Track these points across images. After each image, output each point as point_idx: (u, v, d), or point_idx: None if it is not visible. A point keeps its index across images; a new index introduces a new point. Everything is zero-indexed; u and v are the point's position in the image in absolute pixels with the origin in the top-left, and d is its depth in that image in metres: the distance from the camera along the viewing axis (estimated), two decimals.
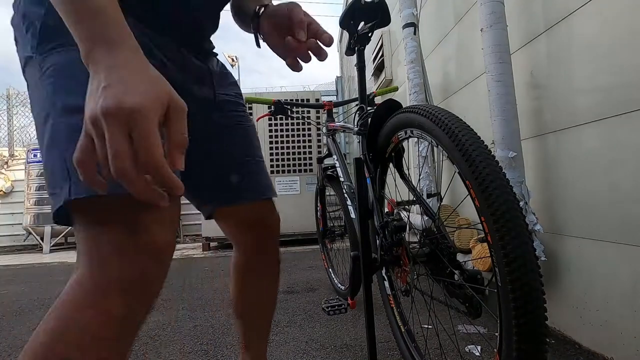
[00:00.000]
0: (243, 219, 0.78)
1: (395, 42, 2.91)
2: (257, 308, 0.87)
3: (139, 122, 0.34)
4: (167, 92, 0.37)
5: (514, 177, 1.19)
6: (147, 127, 0.34)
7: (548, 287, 1.19)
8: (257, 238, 0.80)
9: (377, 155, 0.98)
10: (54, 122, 0.46)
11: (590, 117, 1.07)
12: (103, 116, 0.34)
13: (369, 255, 0.95)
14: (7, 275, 3.15)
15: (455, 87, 1.92)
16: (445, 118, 0.66)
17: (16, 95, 6.29)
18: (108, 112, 0.33)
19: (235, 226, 0.80)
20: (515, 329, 0.50)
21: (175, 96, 0.37)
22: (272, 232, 0.82)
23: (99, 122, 0.34)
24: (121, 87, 0.35)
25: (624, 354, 0.98)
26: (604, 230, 1.04)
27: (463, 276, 0.71)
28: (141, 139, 0.34)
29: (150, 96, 0.35)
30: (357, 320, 1.50)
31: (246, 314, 0.88)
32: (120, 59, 0.37)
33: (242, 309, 0.87)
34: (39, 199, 4.97)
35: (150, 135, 0.34)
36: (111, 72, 0.36)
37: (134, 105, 0.34)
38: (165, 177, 0.35)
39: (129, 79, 0.35)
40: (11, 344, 1.45)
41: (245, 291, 0.86)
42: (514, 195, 0.55)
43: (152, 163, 0.34)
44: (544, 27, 1.23)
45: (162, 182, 0.35)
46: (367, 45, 1.10)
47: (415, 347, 1.00)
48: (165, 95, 0.37)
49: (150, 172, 0.34)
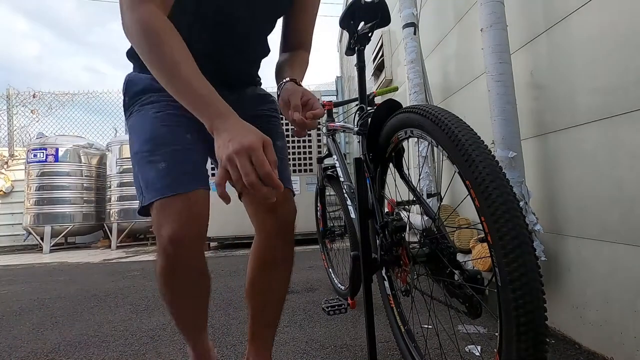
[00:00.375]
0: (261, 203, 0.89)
1: (395, 42, 2.91)
2: (268, 294, 0.94)
3: (254, 152, 0.57)
4: (260, 134, 0.61)
5: (514, 177, 1.19)
6: (259, 154, 0.57)
7: (548, 287, 1.20)
8: (274, 224, 0.89)
9: (377, 155, 0.98)
10: (132, 160, 0.79)
11: (590, 117, 1.07)
12: (235, 154, 0.57)
13: (369, 255, 0.95)
14: (7, 275, 3.15)
15: (455, 87, 1.92)
16: (445, 118, 0.66)
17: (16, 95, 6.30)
18: (237, 151, 0.57)
19: (257, 210, 0.91)
20: (515, 329, 0.50)
21: (264, 136, 0.60)
22: (287, 219, 0.90)
23: (233, 158, 0.57)
24: (239, 137, 0.58)
25: (624, 354, 0.98)
26: (604, 230, 1.04)
27: (463, 276, 0.71)
28: (257, 161, 0.57)
29: (255, 138, 0.59)
30: (357, 320, 1.50)
31: (257, 299, 0.94)
32: (230, 123, 0.62)
33: (253, 292, 0.94)
34: (39, 199, 4.96)
35: (261, 158, 0.57)
36: (230, 131, 0.60)
37: (250, 143, 0.57)
38: (274, 182, 0.57)
39: (240, 132, 0.60)
40: (11, 344, 1.45)
41: (259, 275, 0.93)
42: (514, 195, 0.55)
43: (265, 174, 0.56)
44: (544, 27, 1.23)
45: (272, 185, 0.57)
46: (367, 45, 1.10)
47: (415, 347, 1.00)
48: (260, 135, 0.60)
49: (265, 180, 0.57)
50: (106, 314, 1.79)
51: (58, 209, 4.98)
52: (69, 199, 5.05)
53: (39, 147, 5.03)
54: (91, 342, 1.44)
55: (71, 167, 5.12)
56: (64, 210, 5.00)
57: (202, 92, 0.63)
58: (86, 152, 5.31)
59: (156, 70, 0.66)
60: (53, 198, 4.97)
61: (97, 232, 5.63)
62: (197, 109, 0.63)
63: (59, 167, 5.04)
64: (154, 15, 0.64)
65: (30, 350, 1.38)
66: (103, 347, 1.37)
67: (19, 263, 4.03)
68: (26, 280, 2.86)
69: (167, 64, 0.64)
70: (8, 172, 5.80)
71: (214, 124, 0.62)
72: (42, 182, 4.99)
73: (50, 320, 1.75)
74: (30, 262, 4.02)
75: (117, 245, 4.88)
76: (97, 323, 1.66)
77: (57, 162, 5.03)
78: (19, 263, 4.03)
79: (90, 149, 5.39)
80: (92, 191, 5.33)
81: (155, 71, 0.66)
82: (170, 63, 0.63)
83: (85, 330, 1.58)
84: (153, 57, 0.65)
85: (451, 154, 0.63)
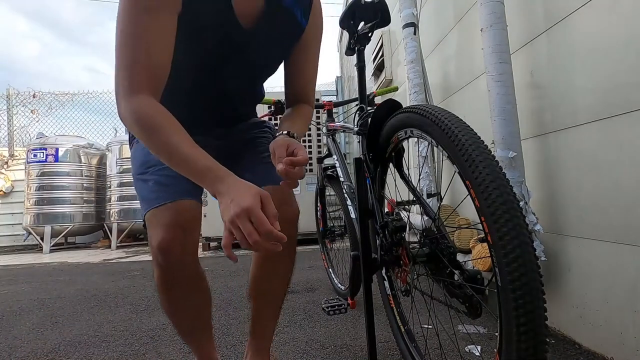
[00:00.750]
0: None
1: (395, 42, 2.91)
2: (268, 288, 0.96)
3: (253, 213, 0.60)
4: (257, 191, 0.63)
5: (514, 177, 1.19)
6: (257, 214, 0.60)
7: (548, 287, 1.20)
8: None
9: (377, 155, 0.98)
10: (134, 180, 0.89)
11: (590, 117, 1.07)
12: (236, 217, 0.60)
13: (369, 255, 0.95)
14: (7, 275, 3.15)
15: (455, 87, 1.92)
16: (445, 118, 0.66)
17: (16, 95, 6.30)
18: (238, 214, 0.60)
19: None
20: (515, 329, 0.50)
21: (262, 191, 0.64)
22: (288, 217, 0.90)
23: (235, 221, 0.60)
24: (237, 199, 0.61)
25: (624, 354, 0.98)
26: (604, 230, 1.04)
27: (463, 276, 0.71)
28: (257, 221, 0.60)
29: (252, 198, 0.61)
30: (357, 320, 1.50)
31: (258, 293, 0.97)
32: (228, 185, 0.65)
33: (255, 287, 0.97)
34: (39, 199, 4.96)
35: (260, 218, 0.60)
36: (229, 193, 0.63)
37: (248, 205, 0.60)
38: (274, 236, 0.60)
39: (238, 193, 0.62)
40: (11, 344, 1.45)
41: (260, 270, 0.95)
42: (514, 195, 0.55)
43: (266, 232, 0.60)
44: (544, 27, 1.23)
45: (274, 240, 0.61)
46: (367, 45, 1.10)
47: (415, 347, 1.00)
48: (256, 193, 0.63)
49: (267, 237, 0.60)
50: (106, 314, 1.79)
51: (58, 209, 4.98)
52: (69, 199, 5.05)
53: (39, 147, 5.03)
54: (91, 342, 1.44)
55: (71, 167, 5.12)
56: (64, 210, 5.00)
57: (200, 164, 0.67)
58: (86, 152, 5.31)
59: (154, 152, 0.71)
60: (53, 198, 4.97)
61: (97, 232, 5.63)
62: (198, 179, 0.68)
63: (59, 167, 5.04)
64: (146, 105, 0.68)
65: (30, 350, 1.38)
66: (103, 347, 1.37)
67: (19, 263, 4.03)
68: (26, 280, 2.86)
69: (162, 148, 0.69)
70: (8, 172, 5.80)
71: (215, 189, 0.66)
72: (42, 182, 4.98)
73: (50, 320, 1.75)
74: (30, 262, 4.02)
75: (117, 245, 4.88)
76: (97, 323, 1.66)
77: (57, 162, 5.03)
78: (19, 263, 4.03)
79: (90, 149, 5.39)
80: (92, 191, 5.33)
81: (153, 152, 0.72)
82: (165, 146, 0.68)
83: (85, 330, 1.58)
84: (149, 143, 0.70)
85: (451, 154, 0.63)
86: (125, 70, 0.69)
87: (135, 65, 0.69)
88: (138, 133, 0.70)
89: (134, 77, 0.69)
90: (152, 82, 0.70)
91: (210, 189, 0.67)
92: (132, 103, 0.68)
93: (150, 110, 0.68)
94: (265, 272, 0.95)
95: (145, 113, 0.68)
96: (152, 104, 0.69)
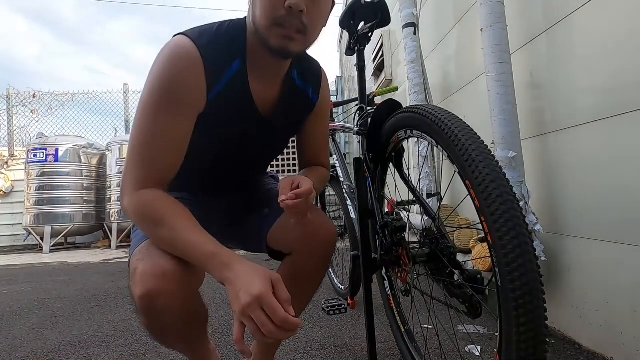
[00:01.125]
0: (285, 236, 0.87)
1: (395, 42, 2.91)
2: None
3: (264, 300, 0.56)
4: (267, 274, 0.60)
5: (514, 177, 1.19)
6: (269, 301, 0.56)
7: (548, 287, 1.20)
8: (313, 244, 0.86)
9: (377, 155, 0.98)
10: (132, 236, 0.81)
11: (590, 117, 1.07)
12: (247, 307, 0.56)
13: (369, 255, 0.95)
14: (7, 275, 3.15)
15: (455, 87, 1.92)
16: (445, 118, 0.66)
17: (16, 95, 6.29)
18: (248, 304, 0.56)
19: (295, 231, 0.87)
20: (515, 329, 0.50)
21: (272, 274, 0.60)
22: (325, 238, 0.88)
23: (246, 312, 0.56)
24: (246, 286, 0.57)
25: (624, 354, 0.98)
26: (604, 230, 1.04)
27: (463, 276, 0.71)
28: (270, 309, 0.56)
29: (262, 284, 0.57)
30: (357, 320, 1.50)
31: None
32: (235, 272, 0.60)
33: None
34: (39, 199, 4.96)
35: (273, 305, 0.56)
36: (237, 281, 0.59)
37: (258, 292, 0.56)
38: (290, 323, 0.56)
39: (247, 280, 0.58)
40: (11, 344, 1.45)
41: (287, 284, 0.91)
42: (514, 195, 0.55)
43: (281, 321, 0.55)
44: (544, 27, 1.23)
45: (290, 327, 0.56)
46: (367, 45, 1.10)
47: (415, 347, 1.00)
48: (267, 275, 0.59)
49: (282, 325, 0.56)
50: (106, 314, 1.79)
51: (58, 209, 4.97)
52: (69, 199, 5.05)
53: (39, 147, 5.02)
54: (91, 342, 1.43)
55: (71, 167, 5.12)
56: (64, 210, 5.00)
57: (205, 249, 0.63)
58: (86, 152, 5.31)
59: (157, 243, 0.68)
60: (53, 198, 4.97)
61: (97, 232, 5.63)
62: (203, 265, 0.64)
63: (59, 167, 5.03)
64: (150, 198, 0.67)
65: (30, 350, 1.38)
66: (103, 347, 1.37)
67: (19, 263, 4.03)
68: (26, 280, 2.86)
69: (166, 238, 0.66)
70: (8, 172, 5.80)
71: (222, 276, 0.62)
72: (42, 182, 4.98)
73: (50, 320, 1.75)
74: (30, 262, 4.02)
75: (117, 245, 4.87)
76: (97, 323, 1.66)
77: (57, 162, 5.03)
78: (19, 263, 4.03)
79: (90, 149, 5.39)
80: (92, 191, 5.33)
81: (156, 243, 0.69)
82: (169, 236, 0.65)
83: (85, 330, 1.58)
84: (152, 235, 0.68)
85: (451, 154, 0.63)
86: (137, 169, 0.68)
87: (149, 165, 0.68)
88: (141, 225, 0.69)
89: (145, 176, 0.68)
90: (161, 180, 0.70)
91: (217, 276, 0.62)
92: (136, 196, 0.67)
93: (154, 203, 0.67)
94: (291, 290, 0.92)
95: (149, 206, 0.67)
96: (156, 196, 0.68)
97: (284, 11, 0.65)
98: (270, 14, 0.66)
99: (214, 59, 0.70)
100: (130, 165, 0.69)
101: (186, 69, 0.68)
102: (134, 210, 0.68)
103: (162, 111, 0.67)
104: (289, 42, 0.68)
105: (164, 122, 0.67)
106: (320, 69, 0.90)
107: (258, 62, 0.75)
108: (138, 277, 0.65)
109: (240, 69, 0.74)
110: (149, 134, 0.68)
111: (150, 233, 0.69)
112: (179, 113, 0.69)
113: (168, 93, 0.67)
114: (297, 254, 0.87)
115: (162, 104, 0.67)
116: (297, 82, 0.84)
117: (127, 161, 0.69)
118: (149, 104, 0.68)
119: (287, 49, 0.68)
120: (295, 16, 0.65)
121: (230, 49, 0.73)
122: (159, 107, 0.67)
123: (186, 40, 0.69)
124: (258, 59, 0.75)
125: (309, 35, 0.70)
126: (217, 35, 0.72)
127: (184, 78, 0.68)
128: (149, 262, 0.66)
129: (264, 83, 0.78)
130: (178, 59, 0.67)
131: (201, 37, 0.70)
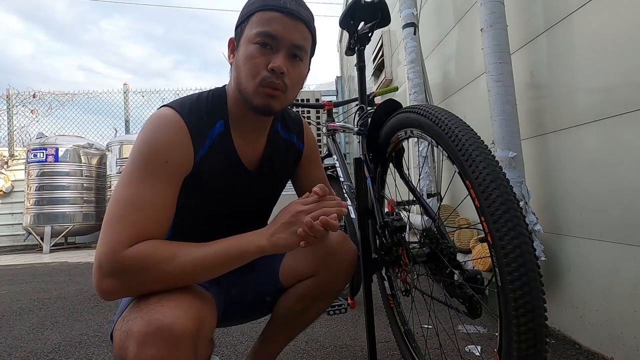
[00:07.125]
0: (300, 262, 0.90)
1: (395, 42, 2.91)
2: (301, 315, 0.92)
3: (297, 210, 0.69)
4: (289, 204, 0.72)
5: (514, 177, 1.19)
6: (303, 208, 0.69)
7: (548, 287, 1.20)
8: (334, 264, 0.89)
9: (377, 155, 0.98)
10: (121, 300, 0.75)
11: (590, 117, 1.07)
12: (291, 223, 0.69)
13: (369, 255, 0.95)
14: (7, 275, 3.15)
15: (455, 87, 1.92)
16: (445, 118, 0.66)
17: (16, 95, 6.29)
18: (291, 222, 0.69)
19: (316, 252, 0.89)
20: (515, 329, 0.50)
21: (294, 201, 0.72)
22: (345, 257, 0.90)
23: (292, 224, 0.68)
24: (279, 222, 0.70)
25: (624, 354, 0.98)
26: (604, 230, 1.04)
27: (463, 276, 0.71)
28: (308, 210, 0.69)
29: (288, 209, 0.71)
30: (357, 320, 1.50)
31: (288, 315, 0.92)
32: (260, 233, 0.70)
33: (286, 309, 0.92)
34: (39, 199, 4.96)
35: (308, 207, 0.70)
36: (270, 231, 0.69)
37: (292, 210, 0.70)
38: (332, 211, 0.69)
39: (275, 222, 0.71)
40: (11, 344, 1.45)
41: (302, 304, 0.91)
42: (514, 195, 0.55)
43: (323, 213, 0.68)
44: (544, 27, 1.23)
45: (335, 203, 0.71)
46: (367, 45, 1.10)
47: (415, 347, 1.00)
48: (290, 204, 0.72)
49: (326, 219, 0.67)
50: (106, 314, 1.79)
51: (58, 209, 4.98)
52: (69, 199, 5.05)
53: (39, 147, 5.02)
54: (91, 342, 1.43)
55: (71, 167, 5.12)
56: (64, 210, 5.00)
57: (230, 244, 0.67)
58: (86, 152, 5.31)
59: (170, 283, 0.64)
60: (53, 198, 4.97)
61: (97, 232, 5.62)
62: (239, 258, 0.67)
63: (59, 167, 5.03)
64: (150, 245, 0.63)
65: (30, 350, 1.38)
66: (103, 347, 1.37)
67: (19, 263, 4.02)
68: (26, 280, 2.86)
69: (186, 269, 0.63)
70: (8, 172, 5.80)
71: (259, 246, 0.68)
72: (42, 182, 4.98)
73: (50, 320, 1.75)
74: (30, 262, 4.01)
75: None
76: (97, 323, 1.66)
77: (57, 162, 5.03)
78: (19, 263, 4.02)
79: (90, 149, 5.39)
80: (92, 191, 5.33)
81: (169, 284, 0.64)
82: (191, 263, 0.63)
83: (85, 330, 1.58)
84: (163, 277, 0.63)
85: (451, 154, 0.63)
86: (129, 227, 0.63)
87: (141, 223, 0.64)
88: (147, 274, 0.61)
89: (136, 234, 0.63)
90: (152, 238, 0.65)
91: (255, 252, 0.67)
92: (134, 249, 0.61)
93: (158, 244, 0.63)
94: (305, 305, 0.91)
95: (153, 248, 0.62)
96: (157, 241, 0.64)
97: (268, 72, 0.71)
98: (256, 76, 0.72)
99: (197, 123, 0.74)
100: (117, 227, 0.62)
101: (173, 133, 0.71)
102: (135, 261, 0.61)
103: (150, 173, 0.67)
104: (272, 100, 0.73)
105: (152, 184, 0.66)
106: (301, 119, 0.96)
107: (241, 121, 0.80)
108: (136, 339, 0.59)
109: (223, 128, 0.78)
110: (137, 195, 0.65)
111: (161, 275, 0.62)
112: (168, 178, 0.69)
113: (157, 155, 0.68)
114: (318, 276, 0.88)
115: (150, 166, 0.67)
116: (281, 133, 0.90)
117: (112, 223, 0.63)
118: (136, 166, 0.67)
119: (269, 105, 0.74)
120: (277, 77, 0.72)
121: (212, 112, 0.78)
122: (148, 172, 0.67)
123: (169, 109, 0.73)
124: (241, 118, 0.79)
125: (288, 93, 0.76)
126: (199, 103, 0.77)
127: (171, 141, 0.70)
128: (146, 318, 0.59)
129: (248, 139, 0.82)
130: (164, 125, 0.71)
131: (183, 106, 0.75)
